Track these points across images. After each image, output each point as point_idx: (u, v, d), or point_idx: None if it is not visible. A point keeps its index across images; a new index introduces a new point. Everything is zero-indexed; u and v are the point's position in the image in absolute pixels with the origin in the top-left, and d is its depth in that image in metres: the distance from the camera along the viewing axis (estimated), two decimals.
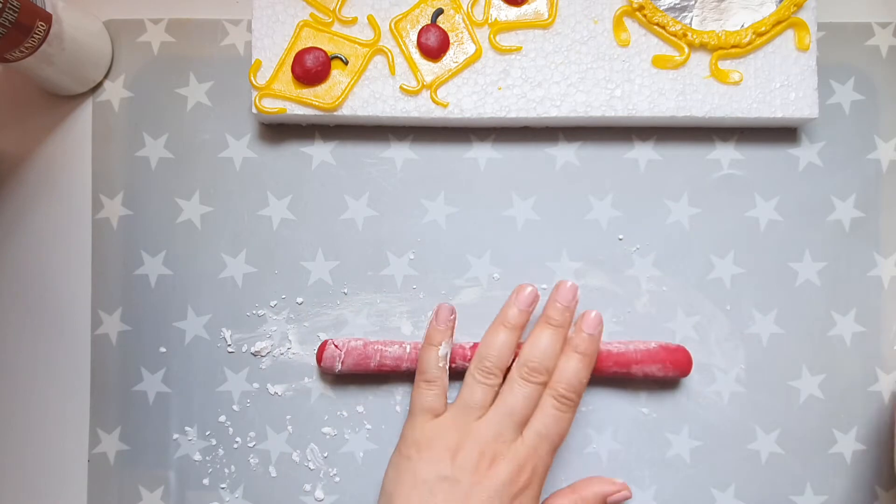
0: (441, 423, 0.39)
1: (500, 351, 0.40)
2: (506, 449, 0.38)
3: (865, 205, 0.45)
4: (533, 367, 0.39)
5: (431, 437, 0.39)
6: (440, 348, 0.41)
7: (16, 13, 0.37)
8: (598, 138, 0.45)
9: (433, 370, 0.40)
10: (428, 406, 0.40)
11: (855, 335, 0.44)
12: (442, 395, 0.40)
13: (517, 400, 0.39)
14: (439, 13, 0.43)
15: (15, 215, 0.45)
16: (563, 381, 0.39)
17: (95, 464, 0.44)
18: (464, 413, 0.39)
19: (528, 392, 0.39)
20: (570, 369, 0.40)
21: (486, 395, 0.39)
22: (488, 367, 0.40)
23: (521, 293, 0.41)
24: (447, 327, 0.41)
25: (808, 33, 0.42)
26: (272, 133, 0.45)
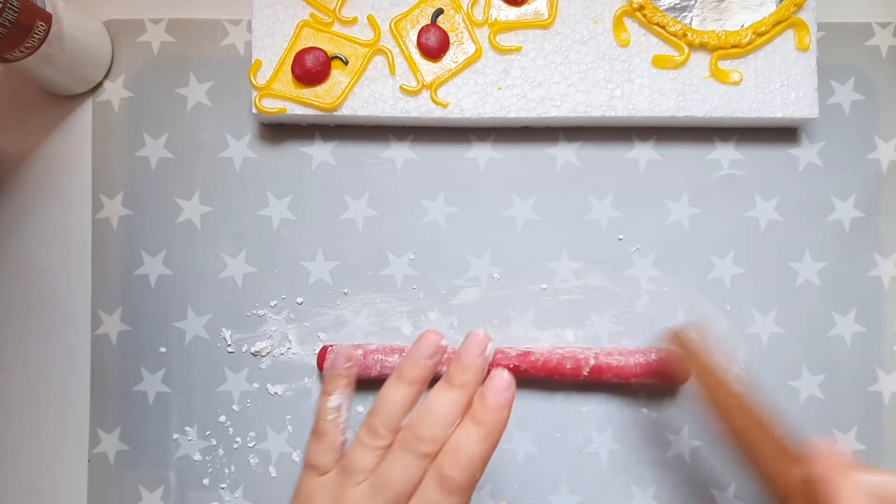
0: (320, 483, 0.34)
1: (393, 410, 0.33)
2: None
3: (865, 205, 0.45)
4: (420, 435, 0.32)
5: (311, 496, 0.34)
6: (331, 399, 0.35)
7: (16, 13, 0.37)
8: (598, 138, 0.45)
9: (321, 423, 0.35)
10: (313, 462, 0.35)
11: (855, 335, 0.44)
12: (329, 449, 0.35)
13: (395, 474, 0.32)
14: (439, 13, 0.43)
15: (15, 215, 0.45)
16: (451, 459, 0.32)
17: (95, 464, 0.44)
18: (343, 477, 0.33)
19: (408, 464, 0.32)
20: (463, 444, 0.32)
21: (370, 459, 0.33)
22: (376, 428, 0.33)
23: (422, 341, 0.34)
24: (343, 375, 0.36)
25: (808, 33, 0.42)
26: (272, 133, 0.45)
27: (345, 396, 0.36)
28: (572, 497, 0.43)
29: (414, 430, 0.33)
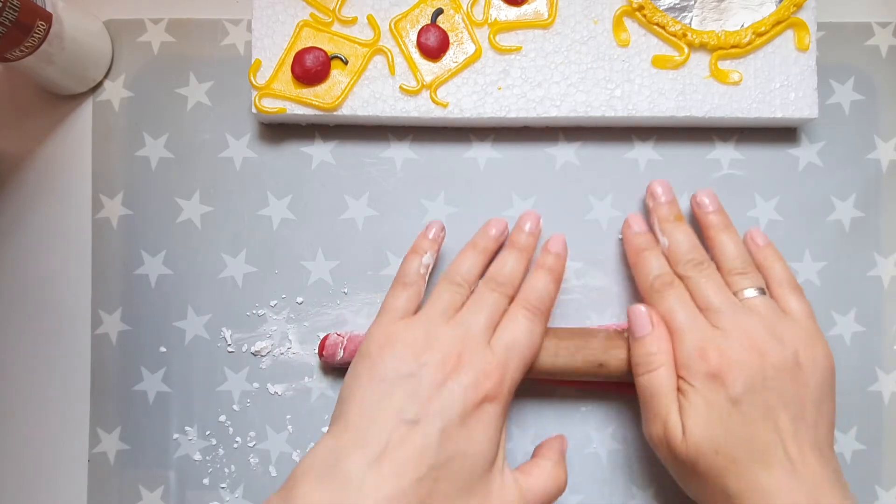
0: (408, 323, 0.37)
1: (469, 268, 0.40)
2: (472, 353, 0.36)
3: (865, 205, 0.45)
4: (499, 280, 0.39)
5: (396, 337, 0.37)
6: (424, 257, 0.40)
7: (16, 12, 0.37)
8: (598, 138, 0.45)
9: (411, 275, 0.40)
10: (399, 307, 0.38)
11: (855, 335, 0.44)
12: (415, 299, 0.39)
13: (485, 305, 0.38)
14: (439, 13, 0.43)
15: (15, 215, 0.45)
16: (533, 293, 0.39)
17: (95, 463, 0.44)
18: (431, 316, 0.38)
19: (495, 299, 0.38)
20: (539, 283, 0.39)
21: (455, 300, 0.38)
22: (456, 280, 0.39)
23: (494, 222, 0.41)
24: (435, 240, 0.41)
25: (808, 33, 0.42)
26: (272, 133, 0.45)
27: (433, 259, 0.41)
28: (572, 497, 0.43)
29: (495, 277, 0.39)
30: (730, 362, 0.36)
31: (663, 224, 0.41)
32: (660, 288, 0.39)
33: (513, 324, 0.38)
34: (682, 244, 0.40)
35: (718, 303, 0.38)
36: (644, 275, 0.40)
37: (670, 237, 0.41)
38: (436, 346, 0.36)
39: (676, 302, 0.39)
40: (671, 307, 0.39)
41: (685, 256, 0.40)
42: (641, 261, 0.41)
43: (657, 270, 0.40)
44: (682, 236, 0.40)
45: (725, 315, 0.37)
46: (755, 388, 0.35)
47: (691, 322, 0.38)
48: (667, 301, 0.39)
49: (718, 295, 0.38)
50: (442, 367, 0.35)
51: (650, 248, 0.41)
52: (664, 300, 0.39)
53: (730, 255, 0.40)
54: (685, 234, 0.41)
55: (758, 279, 0.39)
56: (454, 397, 0.35)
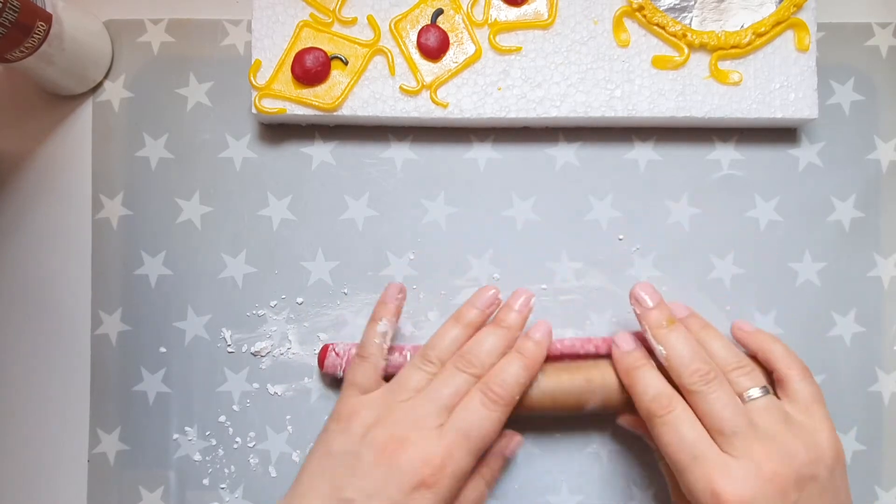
0: (367, 399, 0.38)
1: (447, 345, 0.39)
2: (419, 437, 0.35)
3: (865, 205, 0.45)
4: (468, 360, 0.38)
5: (353, 411, 0.37)
6: (379, 325, 0.40)
7: (16, 13, 0.37)
8: (598, 139, 0.45)
9: (368, 346, 0.39)
10: (357, 381, 0.38)
11: (855, 335, 0.44)
12: (373, 372, 0.39)
13: (444, 386, 0.37)
14: (439, 13, 0.43)
15: (15, 215, 0.45)
16: (498, 379, 0.37)
17: (95, 464, 0.44)
18: (392, 393, 0.37)
19: (458, 381, 0.37)
20: (510, 369, 0.38)
21: (421, 380, 0.38)
22: (430, 357, 0.38)
23: (482, 294, 0.40)
24: (393, 306, 0.40)
25: (808, 34, 0.42)
26: (272, 133, 0.45)
27: (391, 325, 0.40)
28: (572, 497, 0.43)
29: (465, 356, 0.38)
30: (743, 497, 0.34)
31: (656, 332, 0.38)
32: (658, 412, 0.36)
33: (468, 410, 0.36)
34: (682, 353, 0.37)
35: (731, 426, 0.35)
36: (639, 396, 0.38)
37: (666, 346, 0.38)
38: (384, 424, 0.36)
39: (680, 430, 0.36)
40: (674, 438, 0.36)
41: (688, 367, 0.37)
42: (634, 381, 0.38)
43: (653, 390, 0.37)
44: (681, 344, 0.37)
45: (738, 441, 0.35)
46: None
47: (699, 456, 0.35)
48: (669, 430, 0.36)
49: (730, 413, 0.35)
50: (384, 449, 0.35)
51: (642, 365, 0.38)
52: (668, 428, 0.36)
53: (719, 354, 0.38)
54: (683, 340, 0.38)
55: (757, 375, 0.38)
56: (388, 480, 0.35)
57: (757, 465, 0.34)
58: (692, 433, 0.36)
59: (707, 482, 0.34)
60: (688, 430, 0.36)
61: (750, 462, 0.34)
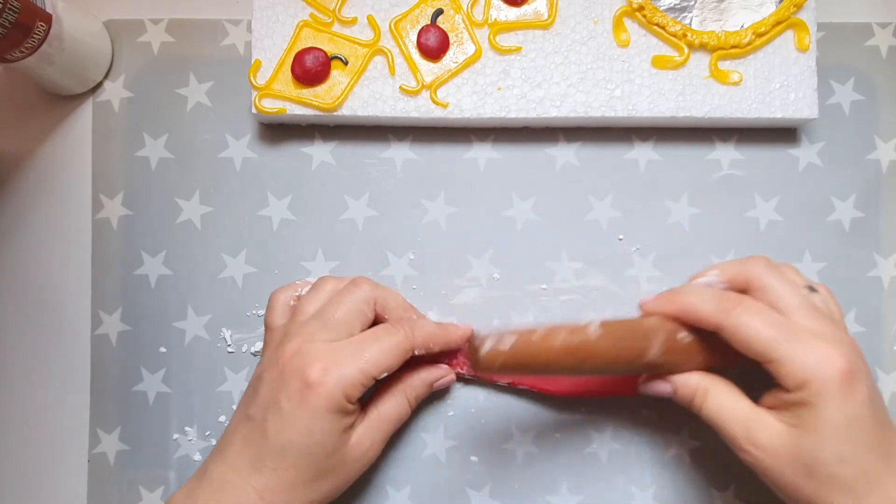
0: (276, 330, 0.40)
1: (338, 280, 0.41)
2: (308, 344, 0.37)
3: (865, 205, 0.45)
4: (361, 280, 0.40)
5: (267, 342, 0.40)
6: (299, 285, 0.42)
7: (16, 13, 0.37)
8: (598, 138, 0.45)
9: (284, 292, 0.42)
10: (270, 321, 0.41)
11: (855, 335, 0.43)
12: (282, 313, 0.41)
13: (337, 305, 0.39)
14: (439, 13, 0.43)
15: (15, 215, 0.45)
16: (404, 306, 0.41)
17: (95, 464, 0.44)
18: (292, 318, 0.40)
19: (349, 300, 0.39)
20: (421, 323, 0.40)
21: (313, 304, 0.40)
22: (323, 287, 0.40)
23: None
24: None
25: (808, 34, 0.42)
26: (272, 133, 0.45)
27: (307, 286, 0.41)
28: (572, 497, 0.43)
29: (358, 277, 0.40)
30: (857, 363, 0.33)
31: None
32: (730, 307, 0.35)
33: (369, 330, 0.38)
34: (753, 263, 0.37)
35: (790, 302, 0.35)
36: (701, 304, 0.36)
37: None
38: (283, 345, 0.37)
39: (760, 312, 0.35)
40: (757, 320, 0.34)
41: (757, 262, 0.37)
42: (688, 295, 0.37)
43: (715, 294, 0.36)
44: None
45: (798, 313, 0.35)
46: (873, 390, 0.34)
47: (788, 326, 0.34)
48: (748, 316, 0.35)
49: (791, 297, 0.35)
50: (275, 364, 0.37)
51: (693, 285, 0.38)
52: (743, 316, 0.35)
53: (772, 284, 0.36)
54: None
55: (801, 276, 0.38)
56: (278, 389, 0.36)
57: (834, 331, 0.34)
58: (773, 314, 0.35)
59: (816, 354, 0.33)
60: (767, 312, 0.35)
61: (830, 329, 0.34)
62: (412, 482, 0.43)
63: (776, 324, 0.34)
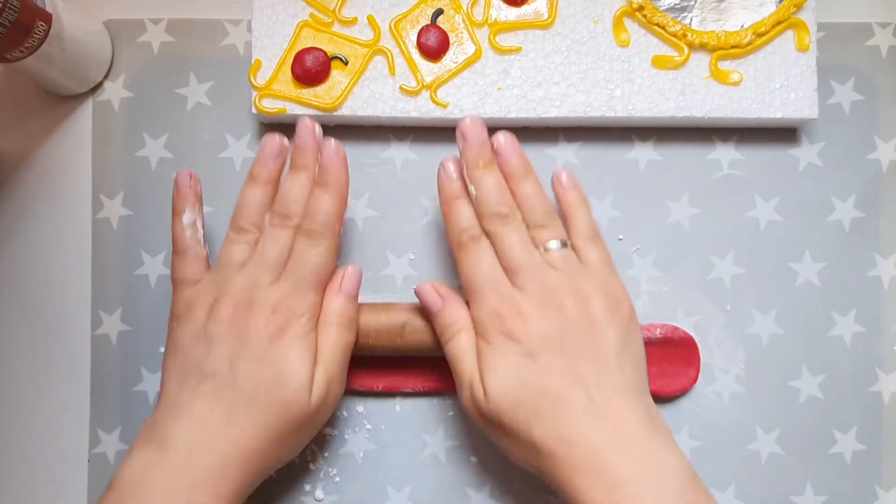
0: (198, 288, 0.38)
1: (255, 208, 0.39)
2: (259, 295, 0.37)
3: (865, 205, 0.45)
4: (282, 213, 0.39)
5: (189, 303, 0.38)
6: (184, 216, 0.40)
7: (16, 13, 0.37)
8: (598, 138, 0.45)
9: (180, 240, 0.39)
10: (182, 277, 0.39)
11: (855, 335, 0.44)
12: (195, 262, 0.39)
13: (268, 246, 0.38)
14: (439, 13, 0.43)
15: (15, 215, 0.45)
16: (313, 216, 0.38)
17: (95, 464, 0.44)
18: (221, 272, 0.38)
19: (278, 237, 0.38)
20: (320, 203, 0.38)
21: (243, 251, 0.39)
22: (242, 225, 0.39)
23: (269, 145, 0.40)
24: (189, 193, 0.40)
25: (808, 34, 0.42)
26: None
27: (196, 212, 0.40)
28: None
29: (278, 211, 0.39)
30: (525, 319, 0.36)
31: (471, 171, 0.39)
32: (466, 242, 0.38)
33: (295, 254, 0.38)
34: (489, 194, 0.38)
35: (519, 262, 0.37)
36: (452, 226, 0.39)
37: (478, 185, 0.39)
38: (224, 299, 0.37)
39: (478, 260, 0.38)
40: (473, 265, 0.38)
41: (491, 209, 0.38)
42: (451, 210, 0.39)
43: (465, 223, 0.39)
44: (491, 184, 0.38)
45: (525, 275, 0.37)
46: (551, 343, 0.36)
47: (491, 283, 0.37)
48: (470, 257, 0.38)
49: (520, 253, 0.37)
50: (234, 318, 0.37)
51: (461, 196, 0.39)
52: (468, 256, 0.38)
53: (531, 206, 0.39)
54: (494, 182, 0.39)
55: (558, 230, 0.39)
56: (246, 343, 0.36)
57: (541, 293, 0.37)
58: (490, 264, 0.38)
59: (492, 304, 0.37)
60: (487, 260, 0.38)
61: (536, 291, 0.37)
62: (412, 482, 0.43)
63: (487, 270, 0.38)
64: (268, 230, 0.39)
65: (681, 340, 0.43)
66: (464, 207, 0.39)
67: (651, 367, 0.42)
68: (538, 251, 0.38)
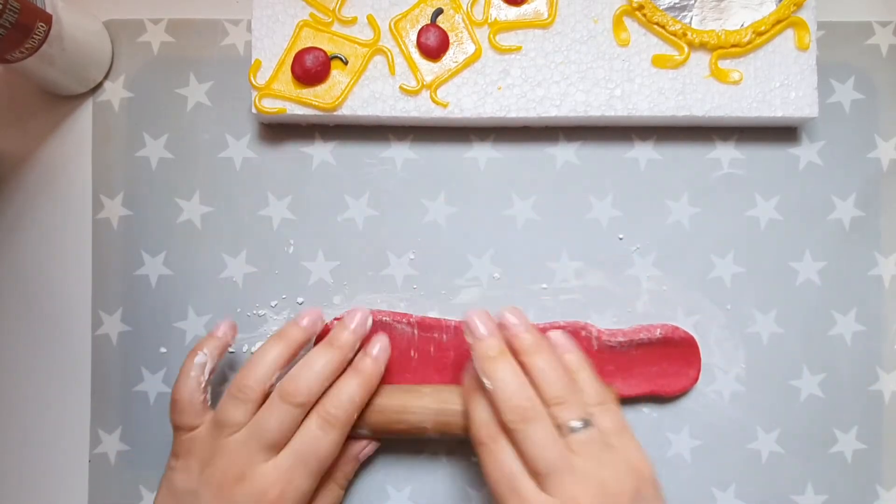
0: (195, 436, 0.38)
1: (265, 368, 0.38)
2: (254, 472, 0.36)
3: (865, 204, 0.45)
4: (292, 391, 0.37)
5: (186, 450, 0.38)
6: (198, 356, 0.39)
7: (16, 14, 0.37)
8: (598, 138, 0.45)
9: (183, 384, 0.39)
10: (179, 424, 0.38)
11: (855, 334, 0.44)
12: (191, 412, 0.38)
13: (271, 421, 0.36)
14: (439, 13, 0.43)
15: (15, 216, 0.45)
16: (335, 400, 0.37)
17: (96, 464, 0.44)
18: (217, 429, 0.37)
19: (284, 413, 0.36)
20: (346, 389, 0.37)
21: (242, 413, 0.37)
22: (246, 385, 0.37)
23: (307, 314, 0.39)
24: (220, 342, 0.40)
25: (808, 32, 0.42)
26: (272, 133, 0.45)
27: (214, 360, 0.39)
28: None
29: (291, 382, 0.37)
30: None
31: (483, 364, 0.37)
32: (484, 439, 0.36)
33: (304, 435, 0.37)
34: (505, 388, 0.36)
35: (546, 465, 0.34)
36: (471, 420, 0.37)
37: (492, 378, 0.36)
38: (217, 462, 0.36)
39: (499, 462, 0.35)
40: (493, 468, 0.36)
41: (509, 403, 0.36)
42: (470, 403, 0.38)
43: (485, 416, 0.37)
44: (507, 377, 0.36)
45: (552, 479, 0.34)
46: None
47: (514, 490, 0.35)
48: (490, 458, 0.36)
49: (545, 454, 0.35)
50: (222, 485, 0.36)
51: (476, 388, 0.37)
52: (487, 456, 0.36)
53: (547, 381, 0.36)
54: (510, 373, 0.36)
55: (579, 403, 0.36)
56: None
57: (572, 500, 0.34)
58: (513, 466, 0.35)
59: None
60: (510, 462, 0.35)
61: (567, 500, 0.34)
62: (412, 482, 0.43)
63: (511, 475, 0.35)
64: (274, 401, 0.37)
65: (681, 340, 0.43)
66: (478, 404, 0.37)
67: (651, 366, 0.43)
68: (561, 438, 0.35)
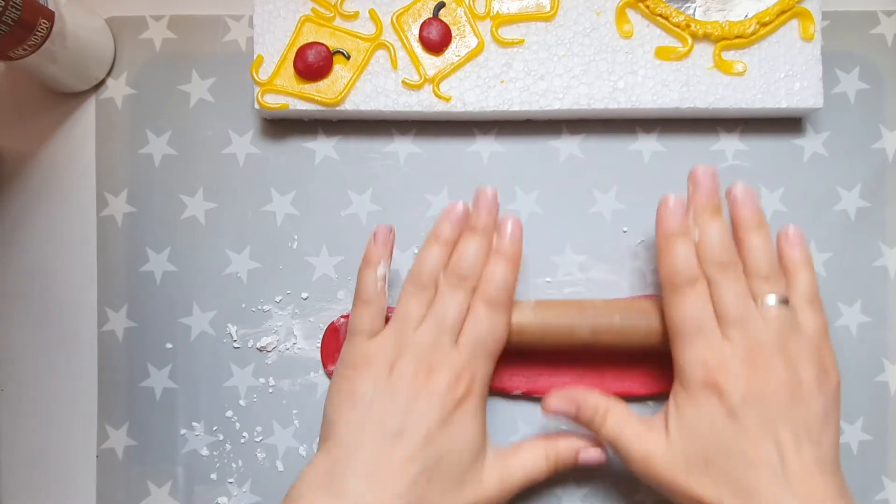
0: (378, 340, 0.39)
1: (433, 265, 0.39)
2: (442, 358, 0.38)
3: (871, 195, 0.45)
4: (460, 275, 0.39)
5: (368, 354, 0.38)
6: (378, 269, 0.40)
7: (18, 11, 0.37)
8: (601, 130, 0.45)
9: (369, 290, 0.39)
10: (364, 328, 0.39)
11: (861, 325, 0.44)
12: (378, 316, 0.39)
13: (448, 307, 0.38)
14: (441, 7, 0.43)
15: (19, 214, 0.45)
16: (491, 285, 0.39)
17: (104, 459, 0.44)
18: (399, 327, 0.39)
19: (456, 298, 0.39)
20: (497, 273, 0.39)
21: (421, 306, 0.39)
22: (421, 281, 0.39)
23: (453, 210, 0.40)
24: (385, 247, 0.40)
25: (813, 22, 0.42)
26: (275, 129, 0.45)
27: (387, 267, 0.40)
28: (578, 490, 0.43)
29: (455, 271, 0.39)
30: (729, 374, 0.35)
31: (699, 215, 0.38)
32: (680, 284, 0.37)
33: (475, 320, 0.38)
34: (712, 241, 0.37)
35: (735, 314, 0.36)
36: (667, 264, 0.38)
37: (702, 230, 0.38)
38: (406, 357, 0.38)
39: (693, 305, 0.37)
40: (685, 309, 0.37)
41: (713, 256, 0.37)
42: (669, 248, 0.38)
43: (682, 263, 0.37)
44: (715, 233, 0.38)
45: (738, 328, 0.36)
46: (754, 402, 0.35)
47: (702, 331, 0.36)
48: (684, 301, 0.37)
49: (737, 305, 0.36)
50: (415, 378, 0.37)
51: (682, 234, 0.38)
52: (681, 299, 0.37)
53: (756, 258, 0.38)
54: (719, 230, 0.38)
55: (780, 286, 0.37)
56: (431, 405, 0.37)
57: (751, 349, 0.36)
58: (703, 311, 0.37)
59: (699, 352, 0.36)
60: (701, 306, 0.37)
61: (746, 346, 0.36)
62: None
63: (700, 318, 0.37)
64: (445, 290, 0.39)
65: None
66: (682, 247, 0.38)
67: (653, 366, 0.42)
68: (755, 304, 0.37)
